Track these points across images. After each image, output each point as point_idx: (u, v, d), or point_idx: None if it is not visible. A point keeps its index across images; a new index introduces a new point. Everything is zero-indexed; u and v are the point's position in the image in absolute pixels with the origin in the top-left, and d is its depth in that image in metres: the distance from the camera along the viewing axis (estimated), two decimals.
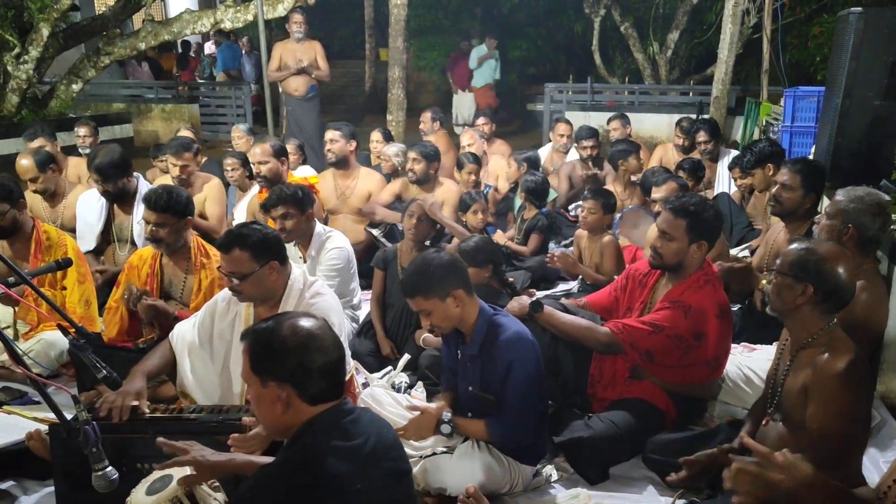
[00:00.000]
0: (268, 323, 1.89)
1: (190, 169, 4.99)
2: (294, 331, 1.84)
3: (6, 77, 8.04)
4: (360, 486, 1.77)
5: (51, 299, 2.66)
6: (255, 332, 1.90)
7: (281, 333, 1.84)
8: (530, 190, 5.40)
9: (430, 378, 3.65)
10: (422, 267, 2.71)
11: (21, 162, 4.81)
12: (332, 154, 5.52)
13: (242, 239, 2.83)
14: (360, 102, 16.18)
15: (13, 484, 2.91)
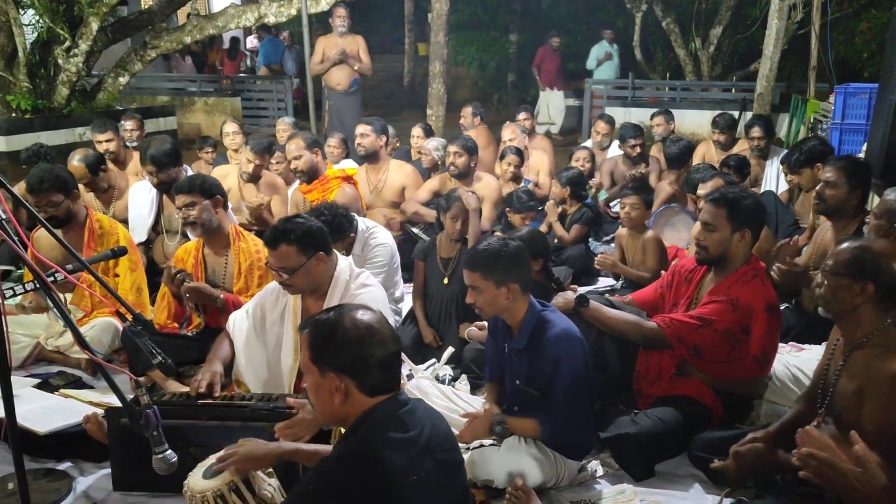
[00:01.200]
0: (329, 315, 1.92)
1: (262, 168, 5.11)
2: (355, 323, 1.87)
3: (56, 70, 8.21)
4: (416, 478, 1.79)
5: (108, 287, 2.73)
6: (315, 322, 1.92)
7: (342, 325, 1.86)
8: (571, 182, 5.37)
9: (473, 371, 3.67)
10: (494, 247, 2.72)
11: (73, 163, 4.92)
12: (362, 148, 5.57)
13: (287, 234, 2.87)
14: (398, 97, 16.24)
15: (70, 465, 3.00)
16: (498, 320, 2.87)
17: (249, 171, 5.11)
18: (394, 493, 1.76)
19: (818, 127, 7.18)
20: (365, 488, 1.75)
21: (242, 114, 12.08)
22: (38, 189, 3.77)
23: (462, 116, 7.71)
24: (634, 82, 11.52)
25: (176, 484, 2.47)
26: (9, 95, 7.92)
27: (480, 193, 5.25)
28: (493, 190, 5.31)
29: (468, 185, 5.32)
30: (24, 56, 7.88)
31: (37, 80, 8.13)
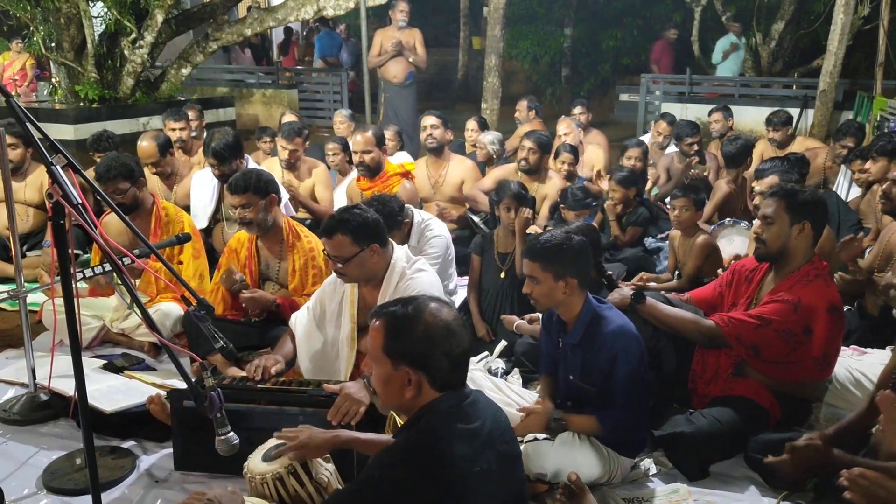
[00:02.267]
0: (407, 308, 1.91)
1: (298, 153, 5.17)
2: (435, 320, 1.87)
3: (123, 61, 8.45)
4: (479, 469, 1.80)
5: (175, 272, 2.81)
6: (392, 315, 1.91)
7: (423, 321, 1.86)
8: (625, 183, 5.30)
9: (525, 365, 3.67)
10: (557, 240, 2.72)
11: (142, 145, 5.06)
12: (433, 140, 5.56)
13: (344, 224, 2.92)
14: (451, 91, 16.27)
15: (134, 444, 3.08)
16: (552, 314, 2.87)
17: (285, 158, 5.17)
18: (457, 484, 1.78)
19: (884, 125, 6.97)
20: (429, 478, 1.77)
21: (299, 106, 12.25)
22: (106, 177, 3.89)
23: (517, 110, 7.71)
24: (692, 78, 11.33)
25: (235, 466, 2.54)
26: (77, 85, 8.19)
27: (545, 192, 5.25)
28: (558, 190, 5.28)
29: (537, 181, 5.31)
30: (92, 47, 8.13)
31: (104, 71, 8.39)
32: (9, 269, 4.92)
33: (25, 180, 5.04)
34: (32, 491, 2.79)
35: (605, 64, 14.96)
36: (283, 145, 5.16)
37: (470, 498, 1.80)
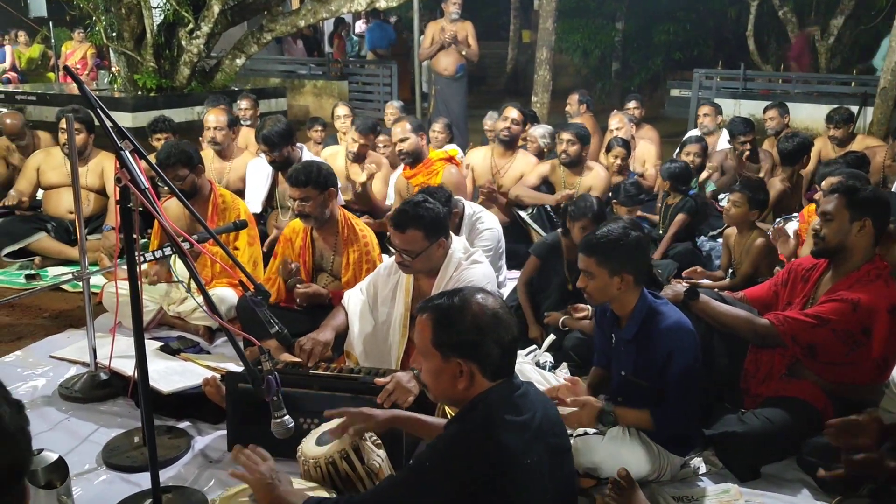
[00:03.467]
0: (452, 300, 1.91)
1: (367, 149, 5.24)
2: (482, 309, 1.88)
3: (180, 51, 8.62)
4: (529, 461, 1.80)
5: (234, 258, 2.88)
6: (438, 307, 1.92)
7: (470, 311, 1.87)
8: (674, 175, 5.24)
9: (574, 359, 3.66)
10: (614, 235, 2.69)
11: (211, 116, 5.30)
12: (507, 133, 5.53)
13: (418, 220, 2.94)
14: (500, 84, 16.23)
15: (189, 424, 3.16)
16: (606, 309, 2.86)
17: (355, 151, 5.24)
18: (507, 476, 1.78)
19: None
20: (480, 468, 1.78)
21: (349, 97, 12.36)
22: (166, 163, 3.98)
23: (568, 104, 7.66)
24: (746, 73, 11.11)
25: (286, 449, 2.59)
26: (136, 74, 8.39)
27: (589, 184, 5.21)
28: (602, 180, 5.25)
29: (578, 174, 5.28)
30: (151, 37, 8.32)
31: (161, 61, 8.57)
32: (69, 251, 5.09)
33: (87, 165, 5.19)
34: (93, 466, 2.88)
35: (657, 58, 14.75)
36: (355, 138, 5.24)
37: (520, 490, 1.81)
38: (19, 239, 5.02)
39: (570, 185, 5.38)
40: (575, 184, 5.35)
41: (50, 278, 4.88)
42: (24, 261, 5.08)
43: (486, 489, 1.78)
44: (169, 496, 2.61)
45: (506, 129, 5.53)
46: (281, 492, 2.11)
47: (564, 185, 5.41)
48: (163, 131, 5.59)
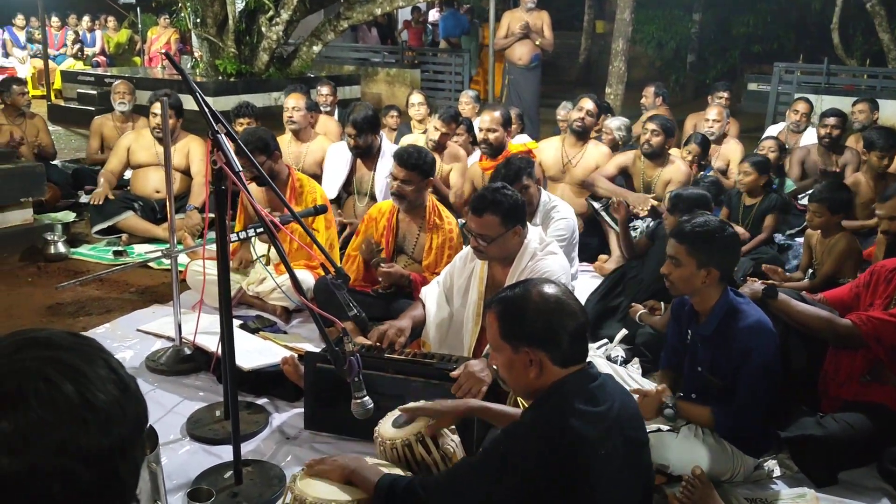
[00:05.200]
0: (515, 291, 1.95)
1: (449, 138, 5.29)
2: (544, 297, 1.90)
3: (259, 37, 8.83)
4: (605, 452, 1.80)
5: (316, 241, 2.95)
6: (503, 300, 1.96)
7: (532, 300, 1.89)
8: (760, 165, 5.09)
9: (645, 355, 3.64)
10: (711, 227, 2.66)
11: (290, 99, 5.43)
12: (580, 124, 5.51)
13: (496, 205, 2.95)
14: (572, 74, 16.06)
15: (267, 401, 3.26)
16: (685, 303, 2.83)
17: (436, 140, 5.28)
18: (582, 465, 1.79)
19: None
20: (553, 455, 1.79)
21: (421, 85, 12.42)
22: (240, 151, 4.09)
23: (644, 96, 7.56)
24: (829, 68, 10.72)
25: (360, 429, 2.65)
26: (217, 60, 8.63)
27: (668, 177, 5.14)
28: (682, 175, 5.16)
29: (660, 166, 5.21)
30: (233, 24, 8.54)
31: (242, 47, 8.79)
32: (154, 229, 5.30)
33: (175, 147, 5.36)
34: (178, 437, 3.00)
35: (734, 51, 14.36)
36: (438, 126, 5.29)
37: (596, 480, 1.81)
38: (109, 217, 5.26)
39: (649, 178, 5.30)
40: (654, 176, 5.28)
41: (136, 255, 5.09)
42: (112, 238, 5.32)
43: (560, 477, 1.79)
44: (249, 469, 2.71)
45: (579, 119, 5.49)
46: (357, 467, 2.17)
47: (643, 177, 5.33)
48: (246, 116, 5.75)
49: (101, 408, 0.91)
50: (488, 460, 1.94)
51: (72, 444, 0.88)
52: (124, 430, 0.94)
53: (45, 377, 0.89)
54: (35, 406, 0.87)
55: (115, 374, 0.96)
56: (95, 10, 13.99)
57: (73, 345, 0.96)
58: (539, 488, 1.80)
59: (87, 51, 13.60)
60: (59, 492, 0.88)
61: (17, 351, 0.92)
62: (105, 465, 0.91)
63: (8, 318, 4.03)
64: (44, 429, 0.87)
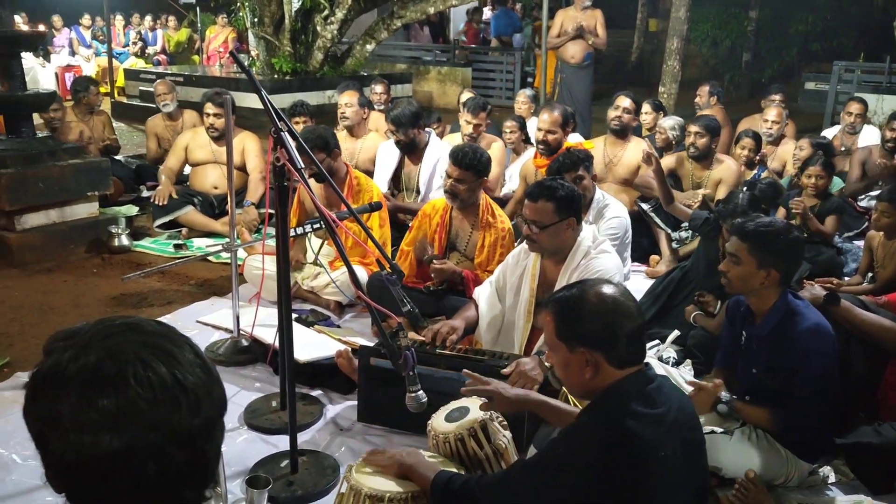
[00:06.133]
0: (572, 291, 1.95)
1: (481, 128, 5.33)
2: (601, 298, 1.89)
3: (314, 36, 8.97)
4: (663, 454, 1.80)
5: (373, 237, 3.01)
6: (559, 300, 1.96)
7: (590, 301, 1.89)
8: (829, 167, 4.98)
9: (697, 357, 3.61)
10: (776, 228, 2.64)
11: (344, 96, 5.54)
12: (618, 123, 5.50)
13: (552, 192, 2.98)
14: (624, 73, 15.91)
15: (321, 393, 3.33)
16: (741, 304, 2.81)
17: (469, 133, 5.31)
18: (641, 467, 1.79)
19: None
20: (612, 458, 1.78)
21: (472, 84, 12.45)
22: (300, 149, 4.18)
23: (698, 95, 7.48)
24: (892, 66, 10.42)
25: (412, 423, 2.69)
26: (273, 58, 8.80)
27: (718, 177, 5.09)
28: (733, 174, 5.10)
29: (707, 168, 5.16)
30: (289, 23, 8.70)
31: (297, 46, 8.95)
32: (213, 224, 5.46)
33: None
34: (235, 426, 3.09)
35: (792, 49, 14.07)
36: (468, 119, 5.32)
37: (655, 483, 1.80)
38: (170, 211, 5.44)
39: (698, 179, 5.26)
40: (703, 178, 5.23)
41: (195, 248, 5.24)
42: (173, 232, 5.50)
43: (618, 479, 1.79)
44: (304, 459, 2.77)
45: (617, 118, 5.47)
46: (414, 462, 2.21)
47: (692, 179, 5.29)
48: (302, 115, 5.87)
49: (190, 389, 0.97)
50: (545, 462, 1.95)
51: (166, 423, 0.94)
52: (210, 412, 0.99)
53: (141, 359, 0.95)
54: (133, 386, 0.93)
55: (200, 359, 1.02)
56: (157, 9, 14.39)
57: (161, 331, 1.02)
58: (597, 491, 1.80)
59: (149, 49, 13.99)
60: (153, 470, 0.94)
61: (112, 335, 0.98)
62: (194, 444, 0.97)
63: (75, 308, 4.20)
64: (141, 408, 0.92)
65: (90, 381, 0.93)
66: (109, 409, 0.92)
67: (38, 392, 0.97)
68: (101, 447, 0.91)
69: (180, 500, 1.00)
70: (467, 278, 3.69)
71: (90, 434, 0.91)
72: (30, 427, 0.98)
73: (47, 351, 0.99)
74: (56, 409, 0.93)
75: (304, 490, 2.63)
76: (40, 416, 0.96)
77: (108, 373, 0.93)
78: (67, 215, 5.11)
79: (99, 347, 0.96)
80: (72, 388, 0.93)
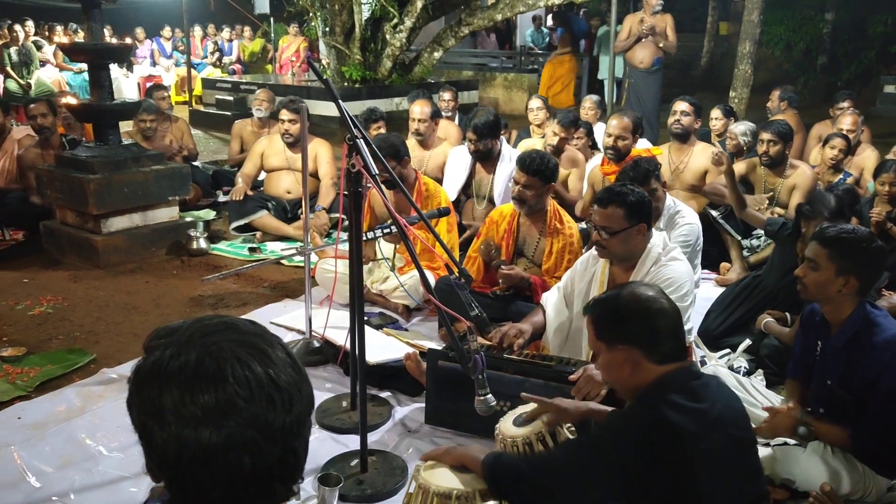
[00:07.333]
0: (608, 293, 2.06)
1: (567, 142, 5.34)
2: (635, 296, 1.98)
3: (383, 44, 9.12)
4: (705, 447, 1.82)
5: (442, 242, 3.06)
6: (597, 301, 2.06)
7: (624, 299, 1.98)
8: None
9: (769, 367, 3.55)
10: (859, 236, 2.59)
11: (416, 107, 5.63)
12: (679, 126, 5.42)
13: (622, 197, 2.98)
14: (694, 77, 15.64)
15: (390, 395, 3.39)
16: (816, 313, 2.75)
17: (554, 144, 5.32)
18: (683, 457, 1.81)
19: None
20: (652, 445, 1.82)
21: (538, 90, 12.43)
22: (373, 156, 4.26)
23: (770, 100, 7.31)
24: None
25: (479, 426, 2.72)
26: (344, 66, 8.97)
27: (793, 181, 4.98)
28: (808, 179, 4.98)
29: (779, 174, 5.05)
30: (359, 32, 8.86)
31: (366, 54, 9.12)
32: (286, 228, 5.64)
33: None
34: None
35: (870, 52, 13.59)
36: (557, 131, 5.34)
37: (701, 475, 1.83)
38: (245, 215, 5.63)
39: (771, 186, 5.15)
40: (776, 184, 5.12)
41: (268, 252, 5.40)
42: (248, 235, 5.68)
43: (658, 467, 1.82)
44: (373, 458, 2.83)
45: (676, 121, 5.40)
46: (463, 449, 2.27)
47: (765, 185, 5.18)
48: (377, 121, 6.00)
49: (284, 388, 1.02)
50: (587, 446, 2.03)
51: (261, 418, 0.99)
52: (301, 410, 1.04)
53: (238, 358, 1.01)
54: (232, 383, 0.98)
55: (291, 358, 1.07)
56: (233, 20, 14.85)
57: (255, 330, 1.08)
58: (636, 475, 1.85)
59: (225, 59, 14.45)
60: (248, 464, 0.99)
61: (210, 334, 1.04)
62: (286, 441, 1.02)
63: (156, 307, 4.39)
64: (239, 404, 0.98)
65: (191, 378, 0.98)
66: (210, 404, 0.97)
67: (141, 386, 1.02)
68: (201, 440, 0.97)
69: (271, 493, 1.04)
70: (535, 284, 3.71)
71: (191, 428, 0.97)
72: (133, 419, 1.03)
73: (148, 347, 1.05)
74: (159, 403, 0.98)
75: (373, 489, 2.68)
76: (144, 409, 1.01)
77: (208, 370, 0.99)
78: (150, 219, 5.32)
79: (199, 345, 1.01)
80: (174, 383, 0.98)
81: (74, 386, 3.43)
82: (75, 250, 5.17)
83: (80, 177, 4.98)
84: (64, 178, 5.13)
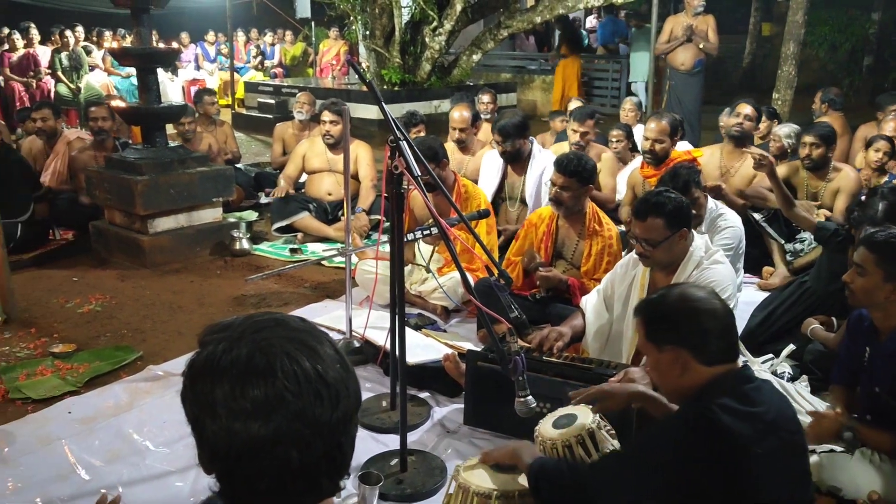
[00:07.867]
0: (657, 294, 2.04)
1: (589, 136, 5.31)
2: (684, 297, 1.98)
3: (423, 47, 9.17)
4: (760, 451, 1.80)
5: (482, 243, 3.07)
6: (646, 303, 2.06)
7: (672, 300, 1.98)
8: None
9: (813, 373, 3.49)
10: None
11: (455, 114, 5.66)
12: (738, 129, 5.33)
13: (659, 207, 2.94)
14: (736, 79, 15.42)
15: (429, 395, 3.40)
16: (864, 319, 2.70)
17: (575, 141, 5.29)
18: (737, 461, 1.79)
19: None
20: (707, 449, 1.80)
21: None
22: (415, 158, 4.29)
23: (815, 101, 7.19)
24: None
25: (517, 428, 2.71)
26: (383, 70, 9.04)
27: (836, 185, 4.89)
28: (852, 181, 4.89)
29: (822, 178, 4.97)
30: (399, 35, 8.92)
31: (406, 57, 9.17)
32: (326, 229, 5.71)
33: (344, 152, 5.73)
34: None
35: None
36: (574, 128, 5.31)
37: (754, 479, 1.80)
38: (287, 216, 5.71)
39: (814, 189, 5.07)
40: (819, 188, 5.05)
41: (309, 252, 5.47)
42: (289, 236, 5.77)
43: (707, 471, 1.80)
44: (413, 458, 2.85)
45: (738, 125, 5.30)
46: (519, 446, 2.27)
47: (808, 189, 5.10)
48: (417, 125, 6.05)
49: (331, 384, 1.04)
50: (638, 452, 2.01)
51: (309, 414, 1.01)
52: (347, 406, 1.06)
53: (287, 353, 1.03)
54: (281, 378, 1.00)
55: (339, 355, 1.09)
56: (275, 25, 15.07)
57: (304, 327, 1.10)
58: (685, 480, 1.83)
59: (267, 63, 14.66)
60: (296, 458, 1.01)
61: (261, 330, 1.06)
62: (333, 436, 1.04)
63: (200, 306, 4.47)
64: (287, 399, 1.00)
65: (242, 372, 1.01)
66: (259, 398, 0.99)
67: (195, 380, 1.05)
68: (250, 433, 0.99)
69: (318, 488, 1.07)
70: (574, 286, 3.70)
71: (241, 421, 0.99)
72: (187, 412, 1.06)
73: (202, 342, 1.08)
74: (211, 396, 1.01)
75: (413, 489, 2.70)
76: (197, 402, 1.04)
77: (258, 365, 1.01)
78: (194, 220, 5.42)
79: (250, 340, 1.03)
80: (226, 377, 1.01)
81: (122, 382, 3.51)
82: (123, 250, 5.29)
83: (128, 178, 5.10)
84: (112, 179, 5.25)
